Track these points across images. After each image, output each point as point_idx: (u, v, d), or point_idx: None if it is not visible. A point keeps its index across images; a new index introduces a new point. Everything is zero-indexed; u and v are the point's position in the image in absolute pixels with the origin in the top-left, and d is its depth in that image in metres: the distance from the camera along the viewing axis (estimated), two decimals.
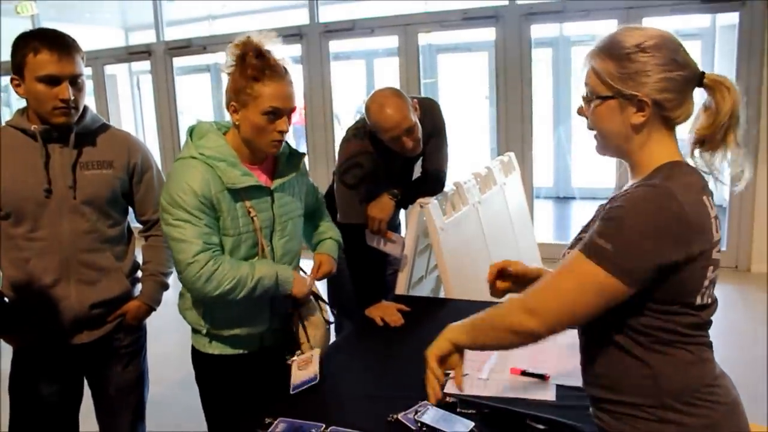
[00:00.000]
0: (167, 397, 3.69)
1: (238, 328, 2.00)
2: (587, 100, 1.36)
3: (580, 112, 1.39)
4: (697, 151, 1.33)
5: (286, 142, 2.05)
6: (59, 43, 2.03)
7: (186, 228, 1.84)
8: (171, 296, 2.06)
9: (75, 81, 2.06)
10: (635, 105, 1.28)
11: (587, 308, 1.25)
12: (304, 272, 2.15)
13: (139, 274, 2.38)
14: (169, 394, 3.74)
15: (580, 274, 1.24)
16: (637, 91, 1.27)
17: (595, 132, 1.38)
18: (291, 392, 1.93)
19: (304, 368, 1.99)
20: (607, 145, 1.38)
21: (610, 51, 1.30)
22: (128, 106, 9.38)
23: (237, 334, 2.00)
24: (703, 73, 1.30)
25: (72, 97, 2.04)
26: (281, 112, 1.86)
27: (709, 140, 1.31)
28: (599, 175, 7.27)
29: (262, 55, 1.84)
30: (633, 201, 1.22)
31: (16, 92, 2.06)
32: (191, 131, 1.98)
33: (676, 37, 1.32)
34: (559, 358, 2.03)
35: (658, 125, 1.31)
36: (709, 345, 1.34)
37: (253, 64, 1.83)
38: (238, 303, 1.92)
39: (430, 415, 1.72)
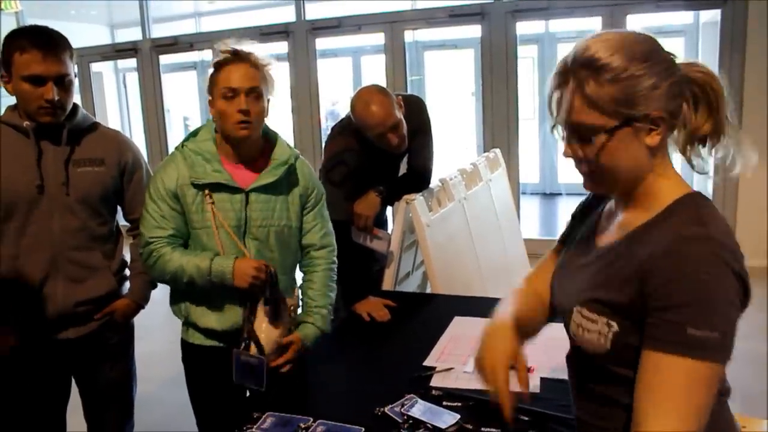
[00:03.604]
0: (157, 395, 3.71)
1: (211, 321, 2.01)
2: (584, 138, 1.12)
3: (570, 154, 1.16)
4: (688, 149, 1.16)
5: (289, 147, 2.08)
6: (46, 42, 2.02)
7: (150, 212, 1.98)
8: (160, 295, 2.07)
9: (61, 81, 2.05)
10: (648, 124, 1.09)
11: (710, 406, 1.03)
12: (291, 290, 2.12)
13: (127, 272, 2.38)
14: (158, 392, 3.76)
15: (693, 379, 1.01)
16: (650, 107, 1.08)
17: (592, 172, 1.16)
18: (235, 381, 1.91)
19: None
20: (617, 181, 1.15)
21: (601, 73, 1.08)
22: (114, 103, 9.34)
23: (212, 329, 2.01)
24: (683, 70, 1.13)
25: (57, 98, 2.03)
26: (237, 91, 1.89)
27: (713, 134, 1.15)
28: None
29: (229, 51, 1.92)
30: (700, 269, 1.01)
31: (5, 89, 2.06)
32: (195, 129, 2.09)
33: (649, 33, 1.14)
34: (545, 352, 2.05)
35: (664, 144, 1.14)
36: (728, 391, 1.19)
37: (217, 61, 1.94)
38: (210, 294, 1.98)
39: (417, 408, 1.74)
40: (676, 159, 1.19)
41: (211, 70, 1.96)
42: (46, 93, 2.02)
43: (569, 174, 9.05)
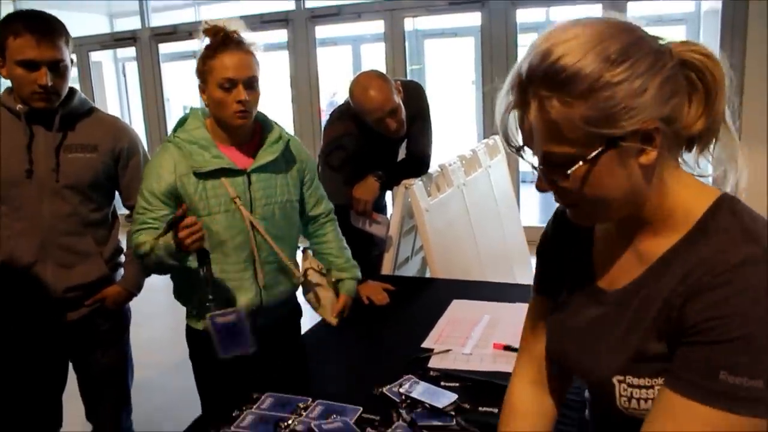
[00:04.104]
0: (159, 381, 3.74)
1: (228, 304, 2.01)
2: (557, 170, 0.88)
3: (543, 188, 0.94)
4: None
5: (277, 125, 2.08)
6: (41, 27, 2.02)
7: (142, 205, 1.94)
8: (162, 282, 2.08)
9: (56, 66, 2.04)
10: (639, 140, 0.85)
11: None
12: (296, 264, 2.15)
13: (122, 259, 2.38)
14: (160, 377, 3.78)
15: None
16: (638, 120, 0.83)
17: (575, 203, 0.94)
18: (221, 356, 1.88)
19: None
20: (610, 211, 0.93)
21: (568, 88, 0.83)
22: (114, 93, 9.32)
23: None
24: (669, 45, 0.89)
25: (50, 83, 2.03)
26: (235, 82, 1.89)
27: (701, 137, 0.91)
28: None
29: (218, 34, 1.91)
30: (751, 300, 0.79)
31: (0, 73, 2.07)
32: (180, 118, 2.05)
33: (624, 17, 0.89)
34: None
35: (666, 153, 0.89)
36: None
37: (208, 44, 1.91)
38: (220, 282, 1.97)
39: (414, 388, 1.75)
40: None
41: (200, 53, 1.94)
42: (39, 78, 2.02)
43: None
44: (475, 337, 2.12)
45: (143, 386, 2.58)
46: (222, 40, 1.90)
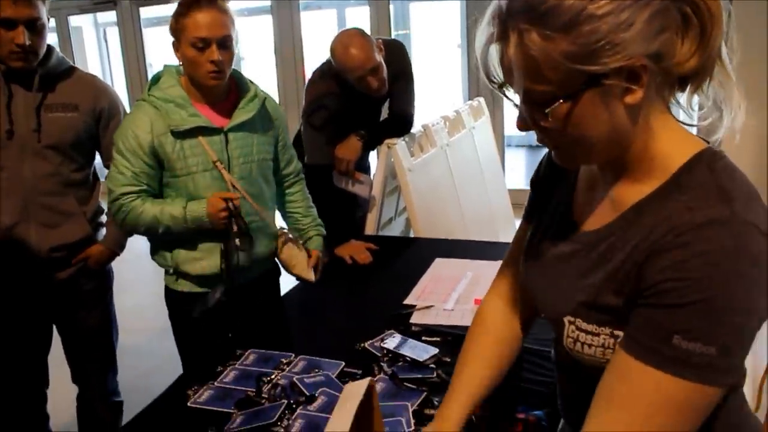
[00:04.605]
0: (142, 346, 3.75)
1: (202, 266, 2.02)
2: (538, 108, 0.84)
3: (524, 126, 0.89)
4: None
5: (252, 83, 2.07)
6: None
7: (120, 167, 1.92)
8: (145, 248, 2.08)
9: (33, 25, 2.02)
10: (624, 78, 0.80)
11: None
12: (284, 230, 2.20)
13: (104, 219, 2.38)
14: (144, 342, 3.79)
15: (674, 400, 0.79)
16: (623, 57, 0.77)
17: (558, 145, 0.90)
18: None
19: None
20: (592, 153, 0.88)
21: (547, 20, 0.78)
22: (95, 59, 9.18)
23: (203, 274, 2.03)
24: None
25: (28, 42, 2.00)
26: (208, 41, 1.86)
27: (694, 75, 0.85)
28: None
29: None
30: (709, 264, 0.76)
31: None
32: (154, 76, 2.03)
33: None
34: None
35: (654, 93, 0.84)
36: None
37: (181, 1, 1.88)
38: (197, 241, 1.99)
39: (395, 342, 1.77)
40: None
41: (174, 10, 1.90)
42: (16, 37, 1.99)
43: None
44: (457, 293, 2.14)
45: (128, 351, 2.59)
46: None
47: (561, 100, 0.81)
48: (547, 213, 1.07)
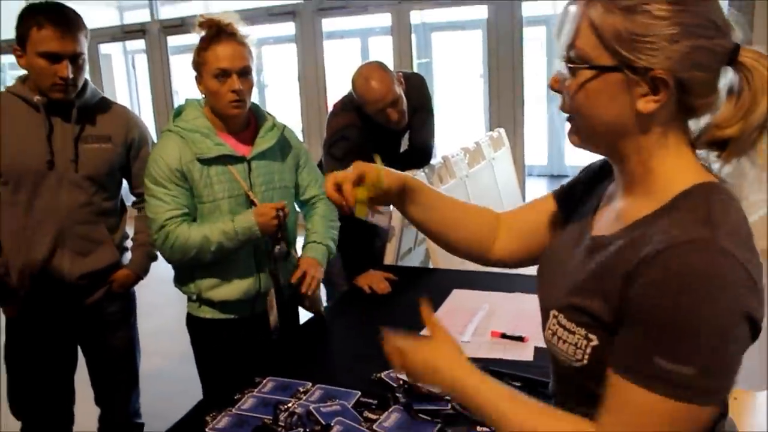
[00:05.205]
0: (165, 369, 3.79)
1: (225, 293, 2.07)
2: (572, 68, 0.91)
3: (556, 85, 0.96)
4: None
5: (270, 114, 2.14)
6: (63, 20, 2.07)
7: (159, 195, 1.98)
8: (167, 273, 2.13)
9: (75, 59, 2.10)
10: (647, 84, 0.86)
11: None
12: (295, 252, 2.23)
13: (128, 243, 2.44)
14: (166, 365, 3.83)
15: (658, 417, 0.82)
16: (655, 62, 0.84)
17: (571, 114, 0.96)
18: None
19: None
20: (593, 137, 0.95)
21: None
22: (124, 85, 9.38)
23: (227, 300, 2.07)
24: (738, 46, 0.87)
25: (71, 75, 2.08)
26: (229, 72, 1.94)
27: (734, 144, 0.89)
28: (592, 153, 7.32)
29: (212, 26, 1.96)
30: (683, 287, 0.79)
31: (18, 63, 2.11)
32: (177, 108, 2.12)
33: None
34: (539, 324, 2.10)
35: (671, 118, 0.89)
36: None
37: (202, 37, 1.97)
38: (221, 267, 2.04)
39: None
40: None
41: (196, 46, 1.99)
42: (60, 70, 2.07)
43: (576, 156, 9.10)
44: (474, 325, 2.15)
45: (149, 374, 2.63)
46: (215, 32, 1.95)
47: (588, 66, 0.89)
48: (573, 212, 1.13)
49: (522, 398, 0.96)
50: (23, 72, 2.17)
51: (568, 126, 0.98)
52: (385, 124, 2.70)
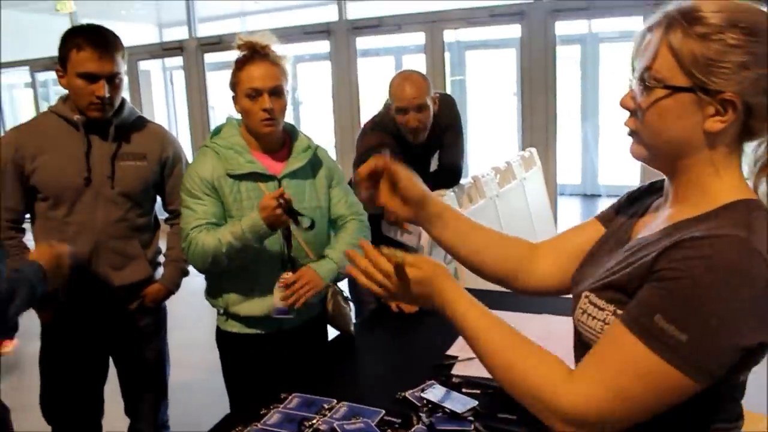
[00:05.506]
0: (194, 381, 3.83)
1: (252, 308, 2.10)
2: (647, 87, 0.98)
3: (627, 104, 1.03)
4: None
5: (305, 135, 2.17)
6: (102, 42, 2.15)
7: (191, 205, 2.03)
8: (198, 286, 2.18)
9: (112, 79, 2.18)
10: (716, 105, 0.93)
11: (647, 406, 0.91)
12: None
13: (161, 259, 2.50)
14: (195, 378, 3.87)
15: (638, 367, 0.89)
16: (726, 85, 0.92)
17: (637, 130, 1.02)
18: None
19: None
20: (657, 151, 1.02)
21: (693, 25, 0.94)
22: (161, 101, 9.58)
23: (253, 315, 2.10)
24: None
25: (108, 95, 2.16)
26: (260, 91, 1.99)
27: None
28: (626, 172, 7.27)
29: (248, 47, 2.01)
30: (709, 267, 0.86)
31: (59, 83, 2.20)
32: (217, 127, 2.17)
33: None
34: (546, 345, 2.09)
35: (732, 139, 0.97)
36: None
37: (238, 58, 2.03)
38: (246, 283, 2.08)
39: (436, 392, 1.80)
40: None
41: (233, 67, 2.04)
42: (97, 90, 2.15)
43: (610, 175, 9.04)
44: None
45: (178, 386, 2.67)
46: (250, 53, 2.01)
47: (664, 86, 0.96)
48: (615, 226, 1.20)
49: (503, 329, 1.11)
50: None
51: (629, 140, 1.05)
52: (403, 128, 2.74)
